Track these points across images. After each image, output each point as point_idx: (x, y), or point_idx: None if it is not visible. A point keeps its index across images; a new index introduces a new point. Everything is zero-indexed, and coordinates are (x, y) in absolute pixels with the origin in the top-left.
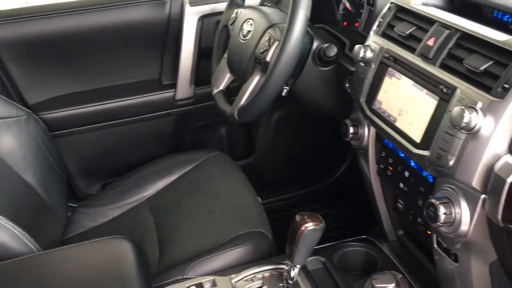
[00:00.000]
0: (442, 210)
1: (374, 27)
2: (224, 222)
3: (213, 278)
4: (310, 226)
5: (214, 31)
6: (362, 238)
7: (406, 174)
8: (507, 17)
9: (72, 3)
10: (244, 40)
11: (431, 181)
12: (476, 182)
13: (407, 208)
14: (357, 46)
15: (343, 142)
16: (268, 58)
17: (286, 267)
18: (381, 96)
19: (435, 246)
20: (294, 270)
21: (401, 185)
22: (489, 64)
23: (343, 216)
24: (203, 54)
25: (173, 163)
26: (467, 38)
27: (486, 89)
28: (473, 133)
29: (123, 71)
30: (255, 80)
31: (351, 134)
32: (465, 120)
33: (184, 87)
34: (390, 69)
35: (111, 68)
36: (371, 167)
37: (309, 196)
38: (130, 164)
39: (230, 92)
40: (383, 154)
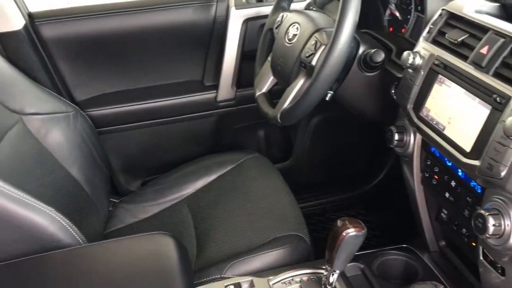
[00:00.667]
0: (491, 221)
1: (424, 34)
2: (262, 224)
3: (251, 278)
4: (351, 232)
5: (257, 34)
6: (402, 247)
7: (453, 183)
8: None
9: (121, 4)
10: (289, 43)
11: (480, 191)
12: None
13: (451, 218)
14: (406, 52)
15: (382, 148)
16: (313, 62)
17: (325, 272)
18: (429, 103)
19: (481, 258)
20: (333, 275)
21: (446, 194)
22: None
23: (380, 223)
24: (246, 56)
25: (212, 164)
26: None
27: None
28: None
29: (167, 72)
30: (300, 83)
31: (396, 141)
32: None
33: (225, 89)
34: (440, 76)
35: (156, 68)
36: (415, 175)
37: (345, 202)
38: (169, 162)
39: (273, 94)
40: (429, 162)
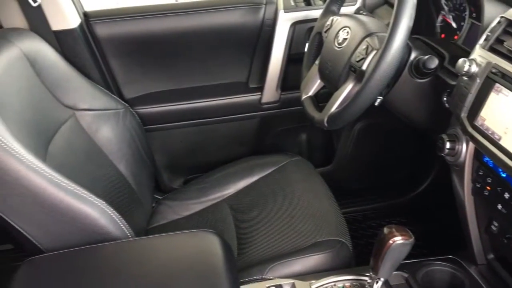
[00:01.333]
0: None
1: (481, 41)
2: (303, 227)
3: (292, 281)
4: (399, 240)
5: (304, 38)
6: (448, 258)
7: (506, 195)
8: None
9: (172, 5)
10: (339, 47)
11: None
12: None
13: (503, 231)
14: (461, 60)
15: (426, 157)
16: (364, 67)
17: (368, 280)
18: (484, 112)
19: None
20: (377, 283)
21: (499, 206)
22: None
23: (422, 233)
24: (292, 60)
25: (254, 165)
26: None
27: None
28: None
29: (213, 72)
30: (348, 88)
31: (447, 149)
32: None
33: (270, 91)
34: (497, 85)
35: (203, 68)
36: (466, 186)
37: (386, 209)
38: (212, 162)
39: (319, 98)
40: (481, 173)
